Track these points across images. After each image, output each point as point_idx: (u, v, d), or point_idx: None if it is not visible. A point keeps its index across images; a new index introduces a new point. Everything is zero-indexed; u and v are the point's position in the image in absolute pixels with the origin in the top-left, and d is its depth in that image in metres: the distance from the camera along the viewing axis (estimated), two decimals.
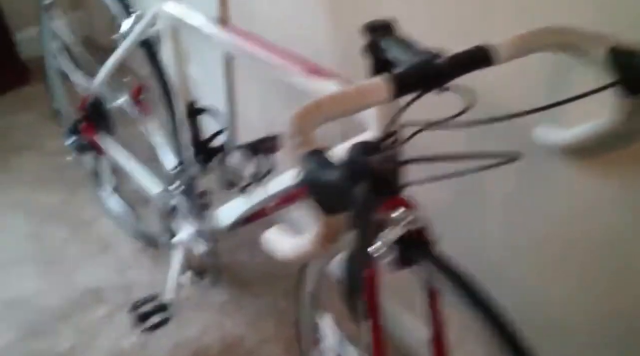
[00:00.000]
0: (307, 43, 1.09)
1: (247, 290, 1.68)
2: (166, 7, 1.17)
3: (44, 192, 1.95)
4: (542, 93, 0.94)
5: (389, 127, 0.82)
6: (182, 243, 1.39)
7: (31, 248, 1.78)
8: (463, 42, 0.72)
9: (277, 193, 1.12)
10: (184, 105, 1.27)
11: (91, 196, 1.90)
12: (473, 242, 1.14)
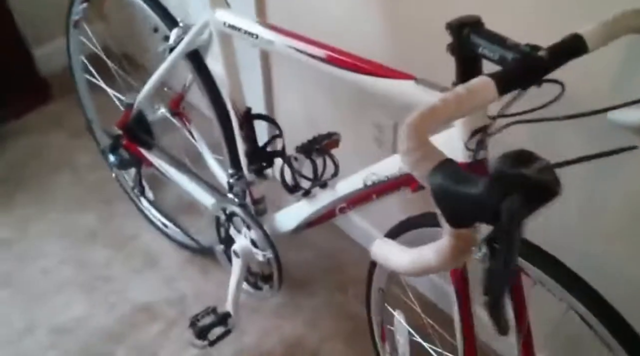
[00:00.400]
0: (357, 43, 1.08)
1: (300, 289, 1.68)
2: (219, 15, 1.15)
3: (80, 211, 1.92)
4: (619, 76, 0.93)
5: (480, 122, 0.82)
6: (242, 251, 1.37)
7: (74, 271, 1.75)
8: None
9: (347, 195, 1.11)
10: (241, 113, 1.25)
11: (129, 211, 1.89)
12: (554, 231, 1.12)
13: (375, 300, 1.28)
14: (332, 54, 0.99)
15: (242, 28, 1.12)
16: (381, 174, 1.02)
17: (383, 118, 1.44)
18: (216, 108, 1.32)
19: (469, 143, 0.84)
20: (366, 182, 1.06)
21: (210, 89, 1.31)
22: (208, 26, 1.20)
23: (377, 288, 1.26)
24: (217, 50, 1.21)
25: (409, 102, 0.90)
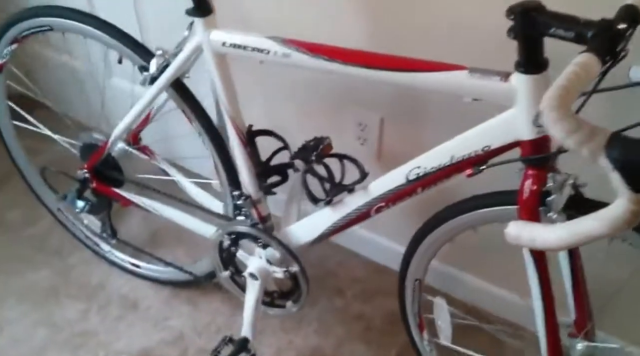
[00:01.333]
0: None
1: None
2: (215, 36, 1.10)
3: (31, 269, 1.73)
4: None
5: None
6: (260, 271, 1.33)
7: (49, 332, 1.59)
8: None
9: (386, 194, 1.11)
10: (243, 132, 1.20)
11: (87, 259, 1.75)
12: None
13: (411, 291, 1.29)
14: (370, 57, 0.98)
15: (248, 46, 1.08)
16: (427, 166, 1.03)
17: (367, 115, 1.45)
18: (210, 134, 1.28)
19: (537, 120, 0.88)
20: (409, 176, 1.07)
21: (200, 115, 1.26)
22: (198, 50, 1.14)
23: (413, 280, 1.27)
24: (212, 72, 1.15)
25: (467, 92, 0.92)
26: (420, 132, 1.42)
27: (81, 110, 1.86)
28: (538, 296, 1.03)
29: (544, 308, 1.04)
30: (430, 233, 1.16)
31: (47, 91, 1.72)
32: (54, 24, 1.29)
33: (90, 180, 1.43)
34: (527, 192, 0.94)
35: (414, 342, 1.39)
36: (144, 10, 1.64)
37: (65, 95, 1.97)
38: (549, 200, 0.93)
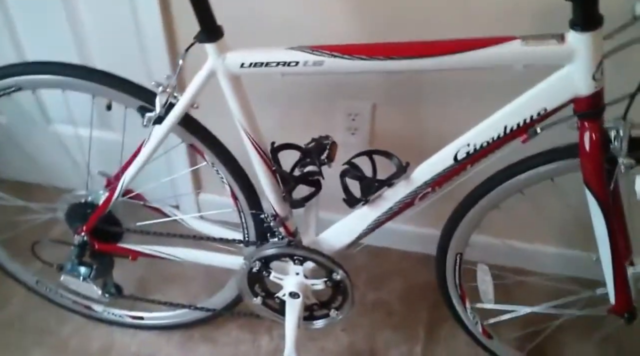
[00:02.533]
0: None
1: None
2: (232, 58, 1.03)
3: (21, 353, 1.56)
4: None
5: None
6: (301, 287, 1.29)
7: None
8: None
9: (433, 178, 1.11)
10: (267, 151, 1.15)
11: (81, 326, 1.59)
12: None
13: (452, 265, 1.31)
14: (413, 47, 0.97)
15: (272, 61, 1.02)
16: (479, 142, 1.05)
17: (357, 105, 1.44)
18: (226, 162, 1.21)
19: (597, 73, 0.92)
20: (458, 156, 1.08)
21: (213, 144, 1.19)
22: (210, 77, 1.07)
23: (455, 254, 1.29)
24: (229, 97, 1.08)
25: (520, 60, 0.94)
26: (414, 112, 1.43)
27: (25, 171, 1.69)
28: (605, 240, 1.08)
29: (612, 250, 1.09)
30: (477, 202, 1.18)
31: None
32: (23, 83, 1.15)
33: (90, 242, 1.30)
34: (589, 143, 0.99)
35: (455, 313, 1.41)
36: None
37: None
38: (612, 147, 0.98)
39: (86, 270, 1.31)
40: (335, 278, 1.27)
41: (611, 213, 1.05)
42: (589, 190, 1.04)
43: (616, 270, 1.11)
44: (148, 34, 1.41)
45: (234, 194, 1.25)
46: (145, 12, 1.38)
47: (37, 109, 1.65)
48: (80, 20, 1.48)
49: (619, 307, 1.16)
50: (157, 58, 1.44)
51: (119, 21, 1.43)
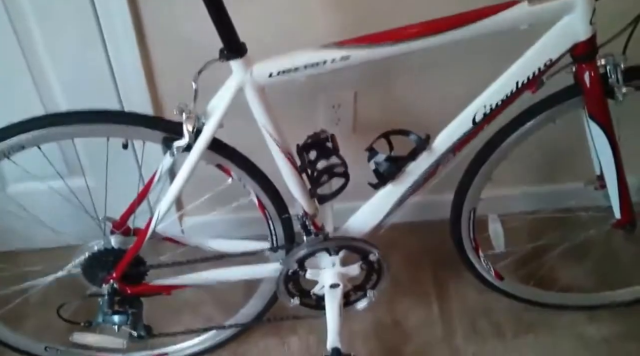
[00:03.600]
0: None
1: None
2: (260, 69, 1.05)
3: None
4: None
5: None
6: (340, 277, 1.33)
7: None
8: None
9: (454, 144, 1.20)
10: (292, 157, 1.18)
11: None
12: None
13: (467, 221, 1.41)
14: (430, 25, 1.04)
15: (299, 66, 1.06)
16: (494, 102, 1.15)
17: (340, 96, 1.49)
18: (252, 174, 1.22)
19: (593, 18, 1.05)
20: (476, 119, 1.17)
21: (240, 160, 1.19)
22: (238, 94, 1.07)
23: (469, 210, 1.39)
24: (257, 109, 1.09)
25: (527, 21, 1.05)
26: (392, 93, 1.50)
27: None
28: (611, 161, 1.22)
29: (617, 169, 1.24)
30: (489, 157, 1.28)
31: None
32: (25, 141, 1.08)
33: (120, 289, 1.25)
34: (589, 81, 1.12)
35: (470, 264, 1.52)
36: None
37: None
38: (611, 81, 1.12)
39: (122, 318, 1.26)
40: (371, 259, 1.32)
41: (614, 138, 1.19)
42: (594, 121, 1.17)
43: (621, 186, 1.26)
44: (125, 70, 1.36)
45: (262, 204, 1.26)
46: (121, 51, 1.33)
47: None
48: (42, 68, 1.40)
49: (625, 218, 1.31)
50: (134, 92, 1.39)
51: (89, 61, 1.36)
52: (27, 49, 1.32)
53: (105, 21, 1.28)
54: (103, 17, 1.27)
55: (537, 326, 1.62)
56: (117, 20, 1.27)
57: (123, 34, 1.29)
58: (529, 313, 1.63)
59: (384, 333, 1.60)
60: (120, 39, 1.30)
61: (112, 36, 1.30)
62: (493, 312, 1.65)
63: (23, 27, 1.29)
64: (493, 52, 1.20)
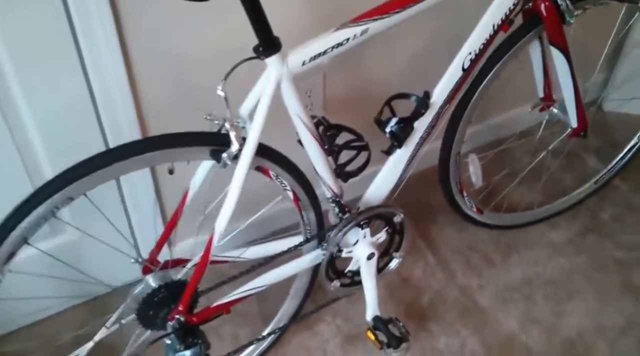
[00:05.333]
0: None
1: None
2: (294, 60, 1.10)
3: None
4: None
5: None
6: (374, 246, 1.40)
7: None
8: None
9: (449, 95, 1.33)
10: (318, 133, 1.23)
11: None
12: None
13: (454, 166, 1.56)
14: None
15: (327, 48, 1.12)
16: (477, 46, 1.30)
17: (311, 80, 1.54)
18: (292, 172, 1.26)
19: None
20: (464, 65, 1.31)
21: (280, 158, 1.22)
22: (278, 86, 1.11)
23: (455, 154, 1.54)
24: (291, 99, 1.14)
25: None
26: (361, 68, 1.59)
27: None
28: (569, 80, 1.44)
29: (574, 85, 1.46)
30: (471, 99, 1.43)
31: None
32: (72, 191, 1.01)
33: (187, 320, 1.22)
34: (546, 11, 1.32)
35: (456, 205, 1.67)
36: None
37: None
38: (562, 8, 1.32)
39: (195, 350, 1.22)
40: (396, 222, 1.42)
41: (570, 57, 1.40)
42: (554, 46, 1.37)
43: (577, 98, 1.48)
44: (109, 95, 1.30)
45: (297, 197, 1.30)
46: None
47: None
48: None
49: (581, 126, 1.54)
50: (120, 116, 1.34)
51: (66, 88, 1.27)
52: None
53: (86, 42, 1.21)
54: (83, 38, 1.20)
55: (515, 246, 1.82)
56: (101, 41, 1.21)
57: (108, 56, 1.24)
58: (504, 237, 1.84)
59: (398, 292, 1.70)
60: (104, 61, 1.24)
61: (94, 59, 1.24)
62: (477, 245, 1.82)
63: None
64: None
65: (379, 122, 1.30)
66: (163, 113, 1.39)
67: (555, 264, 1.77)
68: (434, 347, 1.57)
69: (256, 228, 1.44)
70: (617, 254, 1.80)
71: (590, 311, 1.65)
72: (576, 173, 1.99)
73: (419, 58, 1.68)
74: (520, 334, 1.60)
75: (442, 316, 1.64)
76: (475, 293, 1.70)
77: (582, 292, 1.70)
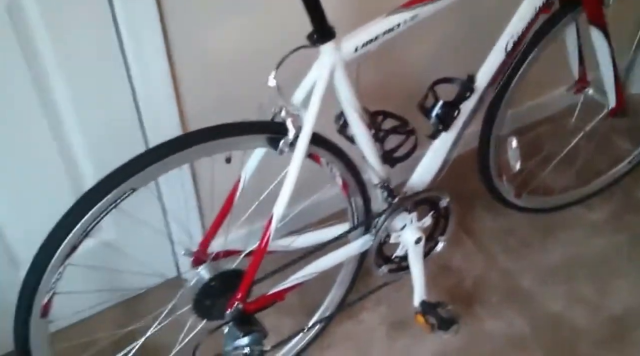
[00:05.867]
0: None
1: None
2: (348, 45, 1.11)
3: None
4: None
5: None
6: (422, 229, 1.41)
7: None
8: None
9: (493, 77, 1.34)
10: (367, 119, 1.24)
11: None
12: None
13: (493, 148, 1.57)
14: None
15: (379, 34, 1.14)
16: (519, 30, 1.31)
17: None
18: (342, 159, 1.27)
19: None
20: (507, 48, 1.32)
21: (330, 146, 1.24)
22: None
23: (495, 137, 1.55)
24: (343, 85, 1.15)
25: None
26: (393, 56, 1.60)
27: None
28: (609, 60, 1.45)
29: (613, 66, 1.46)
30: (512, 82, 1.44)
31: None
32: (136, 182, 1.02)
33: (244, 309, 1.23)
34: None
35: (495, 189, 1.68)
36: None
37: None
38: None
39: (256, 336, 1.24)
40: (441, 206, 1.43)
41: (609, 36, 1.41)
42: (595, 26, 1.38)
43: (616, 77, 1.49)
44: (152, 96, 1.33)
45: (346, 183, 1.31)
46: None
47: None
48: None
49: (619, 105, 1.55)
50: (163, 117, 1.37)
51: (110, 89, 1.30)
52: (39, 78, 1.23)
53: (131, 46, 1.24)
54: (128, 44, 1.24)
55: (552, 228, 1.83)
56: (147, 44, 1.24)
57: (153, 58, 1.27)
58: (540, 220, 1.85)
59: (439, 279, 1.71)
60: (149, 64, 1.28)
61: (138, 59, 1.27)
62: (514, 230, 1.83)
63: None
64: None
65: (422, 107, 1.31)
66: (204, 115, 1.41)
67: (595, 244, 1.78)
68: (482, 329, 1.58)
69: (303, 217, 1.46)
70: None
71: (635, 287, 1.66)
72: (609, 154, 1.99)
73: (449, 44, 1.68)
74: (566, 313, 1.62)
75: (487, 300, 1.66)
76: (517, 276, 1.71)
77: (624, 270, 1.71)
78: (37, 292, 1.01)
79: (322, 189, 1.35)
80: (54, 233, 0.99)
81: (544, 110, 1.96)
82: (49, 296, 1.04)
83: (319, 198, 1.37)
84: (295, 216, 1.41)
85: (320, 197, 1.36)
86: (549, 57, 1.47)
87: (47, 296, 1.04)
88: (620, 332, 1.57)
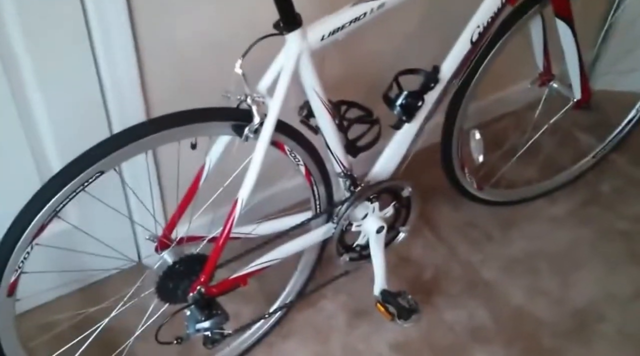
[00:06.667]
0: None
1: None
2: (314, 33, 1.12)
3: None
4: None
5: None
6: (384, 219, 1.43)
7: None
8: None
9: (459, 66, 1.36)
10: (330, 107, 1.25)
11: None
12: None
13: (456, 141, 1.59)
14: None
15: (345, 23, 1.15)
16: (485, 20, 1.33)
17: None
18: (305, 147, 1.28)
19: None
20: (472, 38, 1.34)
21: (294, 133, 1.24)
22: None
23: (458, 129, 1.57)
24: (309, 74, 1.16)
25: None
26: (357, 47, 1.61)
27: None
28: (574, 52, 1.48)
29: (579, 57, 1.50)
30: (476, 73, 1.45)
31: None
32: (104, 165, 1.03)
33: (207, 291, 1.24)
34: None
35: (457, 182, 1.70)
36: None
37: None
38: None
39: (218, 319, 1.24)
40: (404, 196, 1.45)
41: (575, 29, 1.44)
42: (561, 19, 1.41)
43: (581, 69, 1.52)
44: (119, 84, 1.32)
45: (309, 172, 1.32)
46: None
47: None
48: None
49: (585, 96, 1.58)
50: (128, 105, 1.36)
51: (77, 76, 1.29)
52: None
53: (99, 32, 1.24)
54: (96, 30, 1.23)
55: (515, 221, 1.86)
56: (114, 31, 1.24)
57: (120, 45, 1.26)
58: (503, 213, 1.87)
59: (400, 270, 1.72)
60: (116, 51, 1.27)
61: (106, 49, 1.26)
62: (475, 222, 1.86)
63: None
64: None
65: (387, 98, 1.32)
66: (170, 102, 1.40)
67: (558, 236, 1.81)
68: (442, 319, 1.60)
69: (265, 205, 1.46)
70: (620, 225, 1.84)
71: (598, 280, 1.69)
72: (573, 149, 2.01)
73: (412, 35, 1.70)
74: (529, 305, 1.64)
75: (447, 291, 1.68)
76: (478, 268, 1.73)
77: (587, 262, 1.74)
78: (5, 270, 1.02)
79: (285, 178, 1.35)
80: (25, 211, 1.01)
81: (507, 103, 1.99)
82: (16, 275, 1.05)
83: (282, 187, 1.37)
84: (259, 205, 1.43)
85: (283, 185, 1.36)
86: (513, 50, 1.49)
87: (14, 275, 1.05)
88: (582, 324, 1.59)
